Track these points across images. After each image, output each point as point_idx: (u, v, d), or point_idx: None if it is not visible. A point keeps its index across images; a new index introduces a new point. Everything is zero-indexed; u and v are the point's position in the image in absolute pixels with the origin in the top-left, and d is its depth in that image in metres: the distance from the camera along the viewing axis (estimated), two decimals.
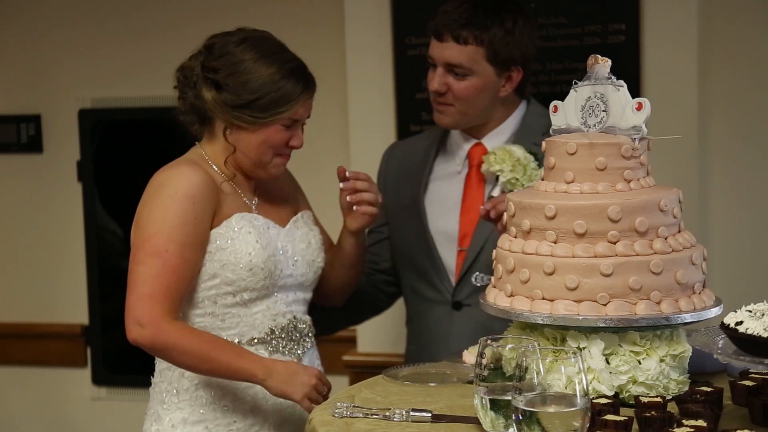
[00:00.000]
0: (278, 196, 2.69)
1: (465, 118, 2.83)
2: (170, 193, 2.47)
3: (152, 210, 2.48)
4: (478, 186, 2.84)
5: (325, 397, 2.46)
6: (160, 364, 2.58)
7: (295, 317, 2.61)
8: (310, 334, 2.65)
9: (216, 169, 2.57)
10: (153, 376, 2.62)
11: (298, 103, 2.54)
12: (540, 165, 2.68)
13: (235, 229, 2.51)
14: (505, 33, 2.76)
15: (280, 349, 2.56)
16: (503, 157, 2.73)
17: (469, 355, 2.36)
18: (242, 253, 2.50)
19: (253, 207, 2.60)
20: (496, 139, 2.86)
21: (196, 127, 2.62)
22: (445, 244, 2.87)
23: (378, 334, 3.37)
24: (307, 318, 2.67)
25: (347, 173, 2.70)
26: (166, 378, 2.56)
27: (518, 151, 2.74)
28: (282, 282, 2.57)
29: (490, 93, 2.81)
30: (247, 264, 2.50)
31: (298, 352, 2.60)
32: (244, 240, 2.51)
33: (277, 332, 2.57)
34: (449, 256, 2.86)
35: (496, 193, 2.78)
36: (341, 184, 2.70)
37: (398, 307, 3.12)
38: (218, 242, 2.50)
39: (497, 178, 2.77)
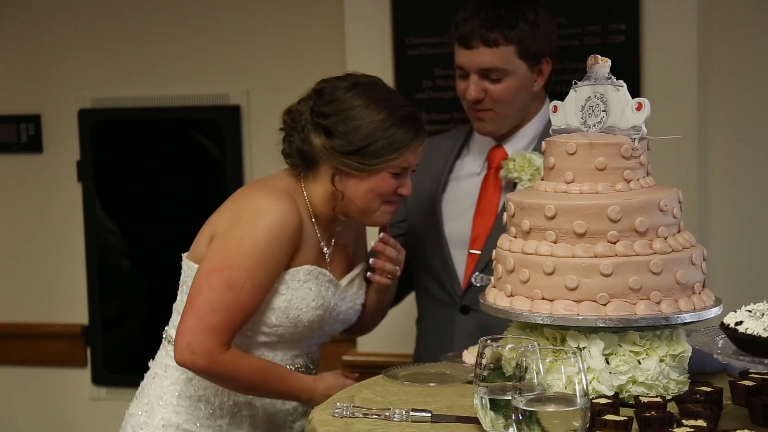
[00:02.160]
0: (343, 244, 2.66)
1: (506, 120, 2.81)
2: (264, 228, 2.42)
3: (243, 239, 2.42)
4: (494, 189, 2.83)
5: None
6: (167, 359, 2.55)
7: (311, 359, 2.64)
8: (317, 364, 2.69)
9: (310, 212, 2.54)
10: (153, 359, 2.62)
11: (409, 150, 2.51)
12: None
13: (300, 280, 2.50)
14: (530, 26, 2.75)
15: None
16: (522, 165, 2.72)
17: (469, 355, 2.36)
18: (294, 306, 2.49)
19: (327, 256, 2.58)
20: (518, 143, 2.84)
21: (299, 166, 2.56)
22: (457, 246, 2.85)
23: (378, 334, 3.36)
24: (317, 354, 2.69)
25: (382, 234, 2.67)
26: (171, 376, 2.54)
27: (538, 160, 2.71)
28: (316, 335, 2.59)
29: (527, 90, 2.80)
30: (294, 318, 2.49)
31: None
32: (302, 294, 2.49)
33: (290, 368, 2.57)
34: (460, 259, 2.85)
35: None
36: (373, 243, 2.68)
37: (398, 307, 3.11)
38: (278, 286, 2.48)
39: (515, 184, 2.75)
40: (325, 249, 2.57)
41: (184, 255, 2.58)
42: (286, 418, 2.60)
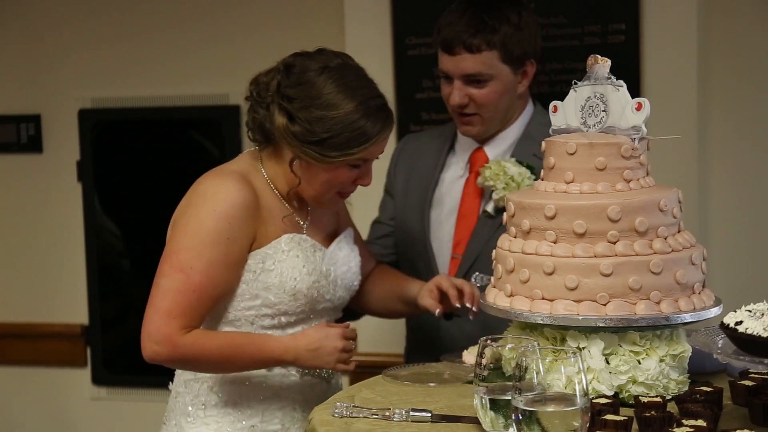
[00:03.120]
0: (325, 213, 2.58)
1: (492, 123, 2.81)
2: (210, 208, 2.36)
3: (188, 222, 2.37)
4: (475, 194, 2.82)
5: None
6: (185, 374, 2.50)
7: None
8: None
9: (273, 187, 2.47)
10: (172, 382, 2.55)
11: (374, 144, 2.41)
12: (537, 179, 2.66)
13: (284, 250, 2.42)
14: (514, 29, 2.74)
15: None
16: (497, 173, 2.71)
17: (469, 355, 2.36)
18: (287, 277, 2.42)
19: (304, 228, 2.51)
20: (498, 146, 2.84)
21: (260, 141, 2.48)
22: (441, 249, 2.85)
23: (378, 334, 3.37)
24: None
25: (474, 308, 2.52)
26: (193, 390, 2.48)
27: (512, 168, 2.72)
28: (321, 307, 2.50)
29: (511, 93, 2.79)
30: (291, 289, 2.42)
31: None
32: (290, 264, 2.42)
33: None
34: (444, 263, 2.84)
35: (489, 208, 2.76)
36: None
37: None
38: (265, 263, 2.41)
39: (492, 192, 2.76)
40: (301, 221, 2.50)
41: None
42: (313, 390, 2.52)
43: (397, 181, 2.97)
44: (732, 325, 1.89)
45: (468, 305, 2.51)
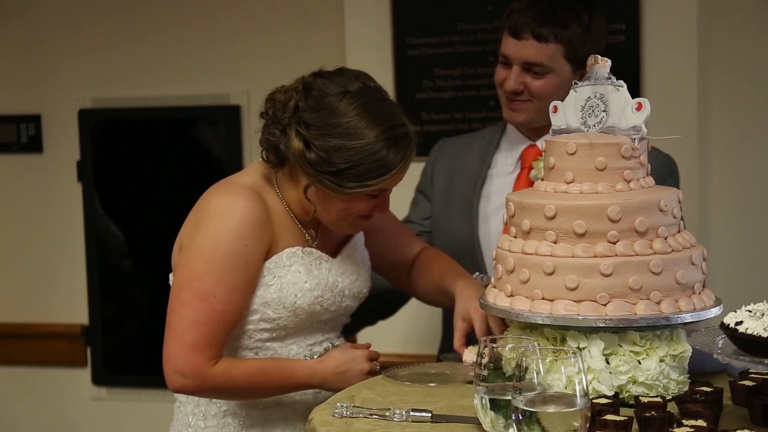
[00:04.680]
0: None
1: (540, 114, 2.77)
2: (224, 228, 2.27)
3: (203, 244, 2.28)
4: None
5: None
6: None
7: (332, 344, 2.50)
8: None
9: (284, 202, 2.39)
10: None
11: (394, 176, 2.30)
12: None
13: (285, 265, 2.35)
14: (583, 30, 2.73)
15: None
16: None
17: (469, 355, 2.36)
18: (287, 293, 2.35)
19: (316, 240, 2.44)
20: None
21: (275, 163, 2.37)
22: (488, 247, 2.81)
23: (378, 334, 3.36)
24: (342, 340, 2.55)
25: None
26: (194, 400, 2.45)
27: None
28: (324, 318, 2.44)
29: (565, 89, 2.77)
30: (291, 305, 2.36)
31: None
32: (291, 279, 2.35)
33: (310, 358, 2.45)
34: (490, 260, 2.80)
35: None
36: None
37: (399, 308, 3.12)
38: (265, 278, 2.34)
39: None
40: (310, 235, 2.43)
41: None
42: (316, 399, 2.47)
43: (436, 181, 2.94)
44: (732, 325, 1.89)
45: None
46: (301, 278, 2.37)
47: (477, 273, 2.60)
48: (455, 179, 2.92)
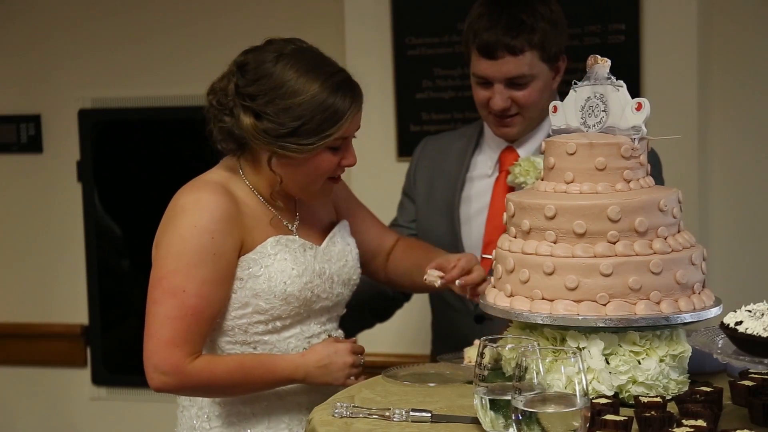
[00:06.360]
0: (317, 208, 2.53)
1: (531, 122, 2.79)
2: (190, 224, 2.29)
3: (171, 242, 2.31)
4: (505, 193, 2.79)
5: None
6: None
7: (329, 336, 2.50)
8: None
9: (256, 193, 2.41)
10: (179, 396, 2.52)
11: (348, 120, 2.34)
12: None
13: (270, 254, 2.36)
14: (550, 26, 2.72)
15: None
16: (528, 169, 2.67)
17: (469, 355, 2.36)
18: (276, 281, 2.36)
19: (294, 228, 2.45)
20: (529, 144, 2.83)
21: (234, 150, 2.42)
22: (472, 250, 2.81)
23: (378, 334, 3.36)
24: (340, 332, 2.56)
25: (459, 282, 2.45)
26: (197, 403, 2.45)
27: (542, 163, 2.70)
28: (318, 306, 2.45)
29: (548, 90, 2.77)
30: (281, 293, 2.36)
31: None
32: (279, 267, 2.36)
33: None
34: None
35: None
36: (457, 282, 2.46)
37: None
38: (251, 269, 2.35)
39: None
40: (289, 223, 2.44)
41: None
42: (318, 391, 2.45)
43: (418, 183, 2.95)
44: (732, 325, 1.89)
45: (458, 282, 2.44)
46: (288, 265, 2.38)
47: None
48: (436, 182, 2.92)
